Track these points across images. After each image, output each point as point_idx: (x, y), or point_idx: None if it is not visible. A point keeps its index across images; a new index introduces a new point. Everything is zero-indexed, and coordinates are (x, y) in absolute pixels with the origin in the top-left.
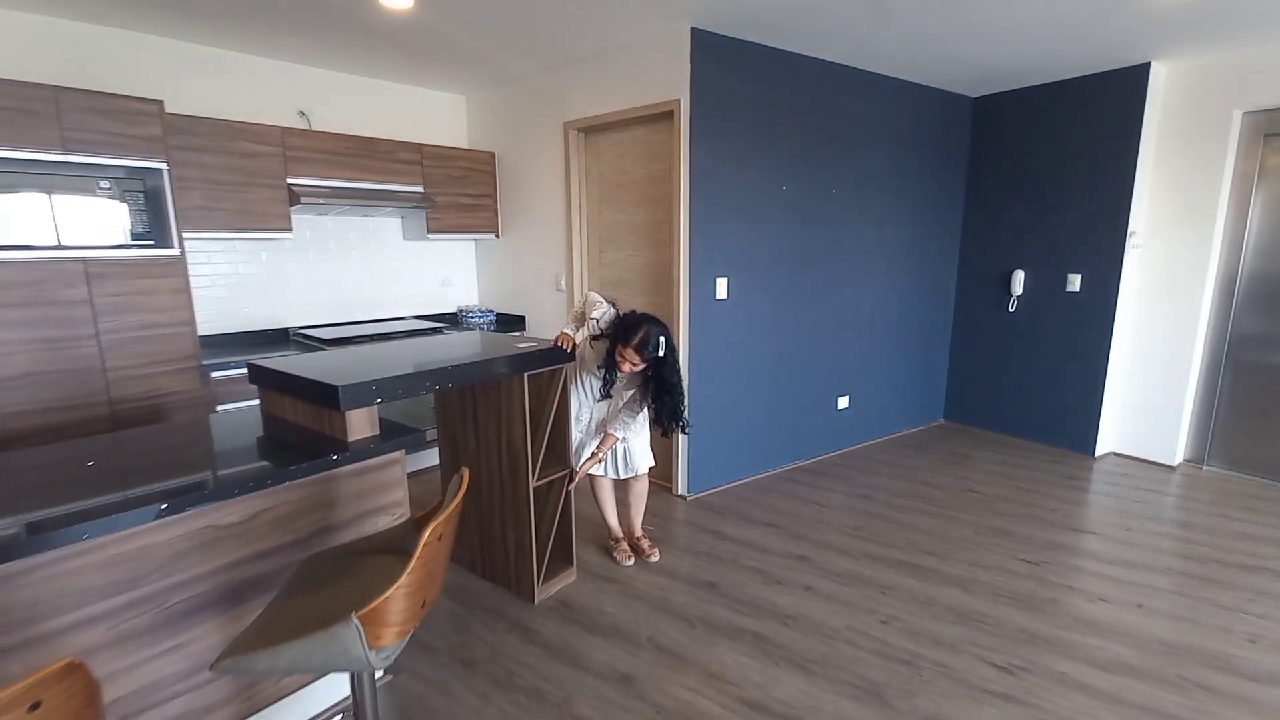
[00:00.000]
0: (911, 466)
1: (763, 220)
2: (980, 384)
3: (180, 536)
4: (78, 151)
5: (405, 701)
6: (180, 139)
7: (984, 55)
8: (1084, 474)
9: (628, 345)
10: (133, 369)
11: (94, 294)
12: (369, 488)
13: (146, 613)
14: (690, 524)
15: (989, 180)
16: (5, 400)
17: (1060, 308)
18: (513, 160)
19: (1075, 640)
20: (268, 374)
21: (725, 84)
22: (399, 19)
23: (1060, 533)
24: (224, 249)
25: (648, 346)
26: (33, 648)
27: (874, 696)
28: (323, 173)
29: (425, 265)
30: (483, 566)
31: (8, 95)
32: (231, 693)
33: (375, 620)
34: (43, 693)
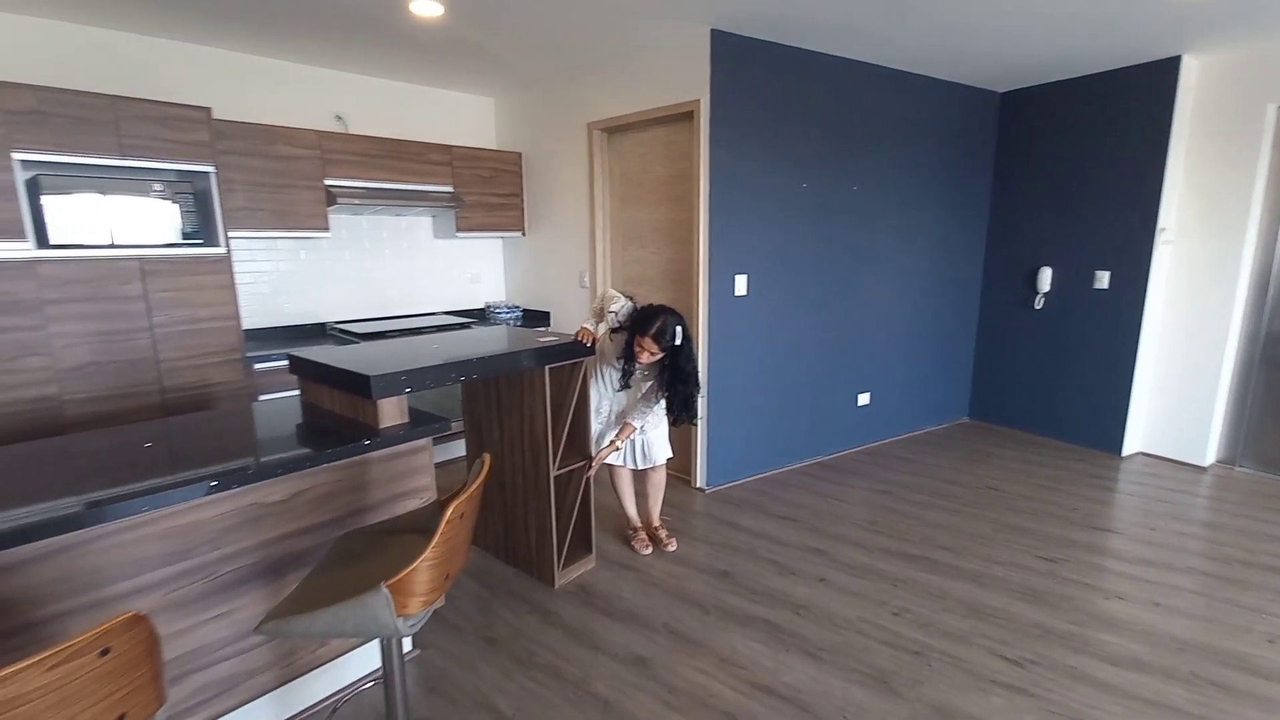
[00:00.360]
0: (932, 463)
1: (782, 218)
2: (1005, 382)
3: (228, 512)
4: (133, 156)
5: (431, 675)
6: (226, 143)
7: (1010, 51)
8: (1110, 473)
9: (646, 335)
10: (182, 360)
11: (148, 290)
12: (398, 472)
13: (197, 581)
14: (708, 515)
15: (1016, 176)
16: (70, 388)
17: (1088, 305)
18: (539, 160)
19: (1088, 635)
20: (307, 365)
21: (745, 84)
22: (430, 26)
23: (1081, 531)
24: (266, 247)
25: (665, 335)
26: (97, 609)
27: (882, 684)
28: (358, 174)
29: (454, 263)
30: (506, 551)
31: (70, 105)
32: (272, 659)
33: (403, 589)
34: (111, 640)
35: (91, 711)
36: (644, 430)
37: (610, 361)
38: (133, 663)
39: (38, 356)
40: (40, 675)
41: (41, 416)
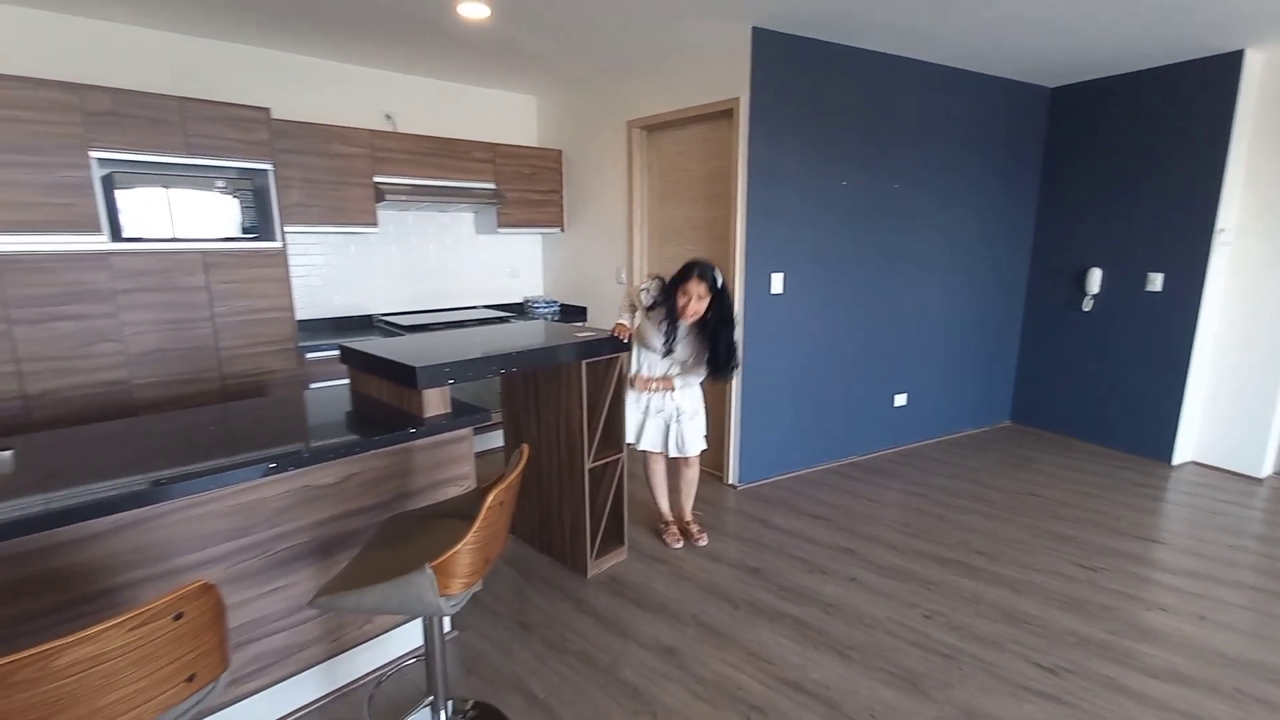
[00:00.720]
0: (970, 467)
1: (821, 216)
2: (1050, 385)
3: (285, 493)
4: (199, 155)
5: (469, 655)
6: (283, 142)
7: (1062, 45)
8: (1158, 482)
9: (689, 279)
10: (240, 348)
11: (210, 281)
12: (441, 460)
13: (256, 557)
14: (739, 512)
15: (1066, 173)
16: (138, 372)
17: (1139, 308)
18: (578, 157)
19: (1127, 646)
20: (357, 355)
21: (785, 81)
22: (477, 28)
23: (1124, 540)
24: (318, 242)
25: (709, 274)
26: (166, 579)
27: (911, 685)
28: (406, 171)
29: (495, 258)
30: (541, 541)
31: (143, 106)
32: (322, 633)
33: (445, 571)
34: (184, 606)
35: (166, 670)
36: (679, 419)
37: (649, 342)
38: (203, 627)
39: (111, 343)
40: (122, 635)
41: (114, 399)
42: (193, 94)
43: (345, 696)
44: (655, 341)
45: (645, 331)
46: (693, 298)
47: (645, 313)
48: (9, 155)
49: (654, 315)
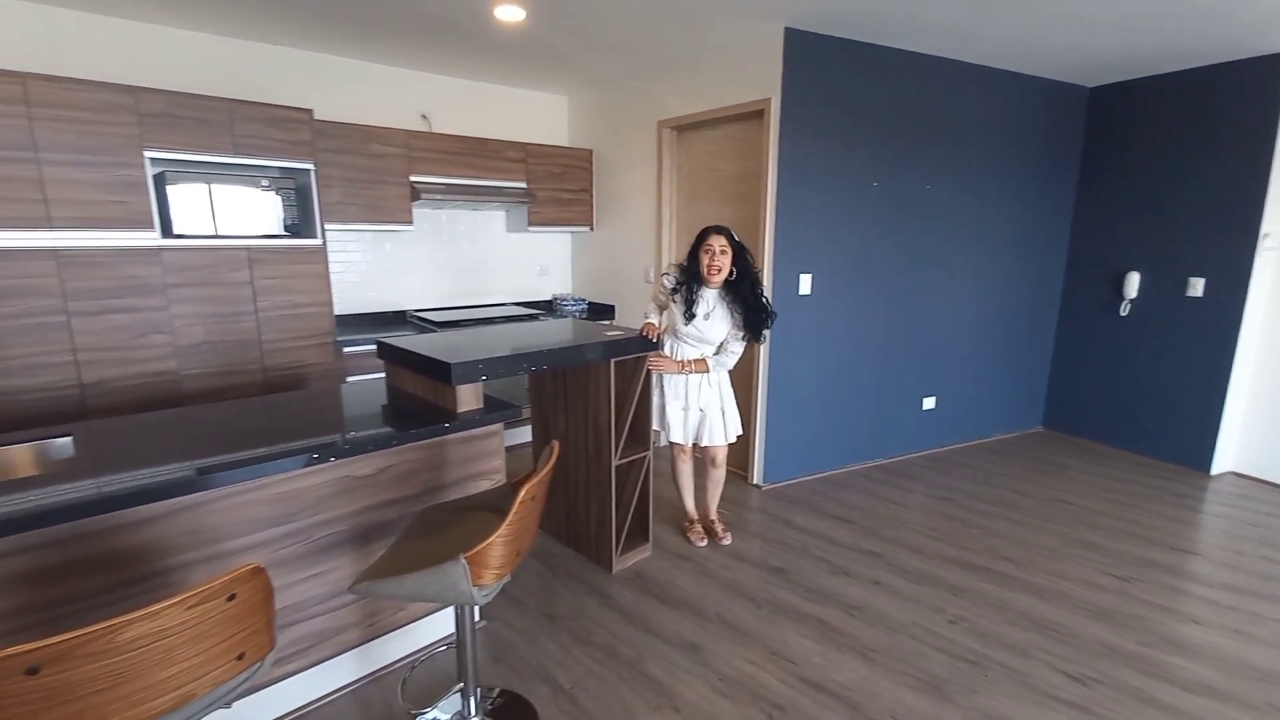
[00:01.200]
0: (999, 472)
1: (851, 217)
2: (1084, 391)
3: (325, 483)
4: (245, 154)
5: (497, 644)
6: (324, 142)
7: (1103, 44)
8: (1196, 492)
9: (706, 239)
10: (282, 342)
11: (254, 277)
12: (472, 454)
13: (298, 543)
14: (764, 512)
15: (1104, 175)
16: (186, 363)
17: (1179, 313)
18: (609, 157)
19: (1158, 658)
20: (393, 350)
21: (817, 81)
22: (512, 30)
23: (1158, 551)
24: (355, 239)
25: (724, 229)
26: (215, 562)
27: (934, 690)
28: (440, 171)
29: (525, 255)
30: (567, 535)
31: (194, 107)
32: (359, 618)
33: (479, 562)
34: (237, 587)
35: (219, 648)
36: (706, 410)
37: (678, 326)
38: (253, 608)
39: (161, 334)
40: (181, 613)
41: (163, 388)
42: (239, 95)
43: (379, 680)
44: (692, 327)
45: (674, 317)
46: (715, 252)
47: (671, 298)
48: (71, 155)
49: (679, 298)
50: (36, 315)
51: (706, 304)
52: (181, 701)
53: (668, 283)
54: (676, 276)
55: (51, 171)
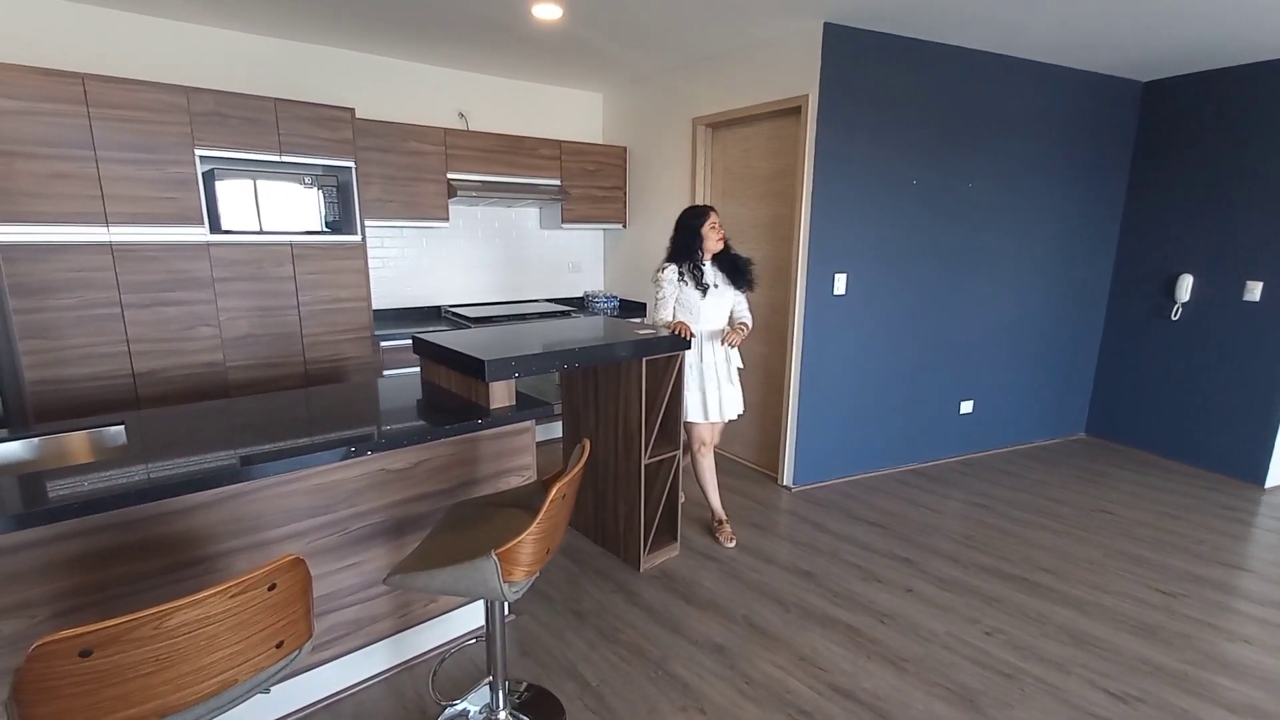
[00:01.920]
0: (1039, 480)
1: (889, 215)
2: (1131, 397)
3: (361, 475)
4: (290, 152)
5: (525, 638)
6: (364, 140)
7: (1160, 35)
8: (1248, 506)
9: (705, 217)
10: (322, 336)
11: (297, 272)
12: (505, 450)
13: (334, 534)
14: (793, 514)
15: (1157, 173)
16: (232, 355)
17: (1234, 318)
18: (642, 154)
19: (1204, 678)
20: (428, 346)
21: (855, 77)
22: (549, 28)
23: (1206, 566)
24: (393, 235)
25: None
26: (256, 550)
27: (968, 703)
28: (476, 168)
29: (558, 252)
30: (596, 532)
31: (242, 106)
32: (391, 609)
33: (509, 559)
34: (278, 578)
35: (259, 635)
36: (721, 386)
37: (695, 306)
38: (292, 598)
39: (208, 327)
40: (224, 601)
41: (209, 379)
42: (284, 95)
43: (410, 670)
44: (707, 300)
45: (689, 300)
46: (718, 225)
47: (680, 286)
48: (127, 153)
49: (687, 280)
50: (93, 307)
51: (711, 275)
52: (224, 686)
53: (672, 275)
54: (679, 269)
55: (108, 169)
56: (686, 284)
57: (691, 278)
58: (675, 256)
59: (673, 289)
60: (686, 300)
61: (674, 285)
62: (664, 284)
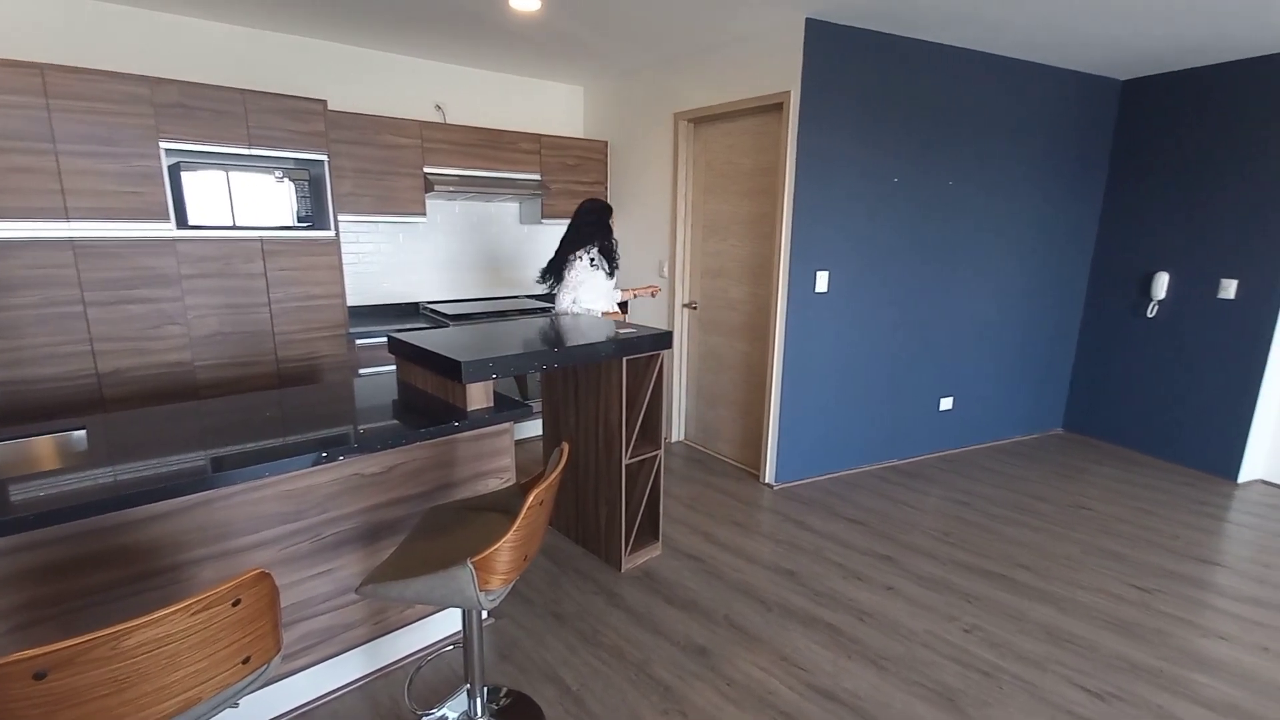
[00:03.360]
0: (1018, 476)
1: (870, 212)
2: (1108, 393)
3: (334, 480)
4: (259, 145)
5: (504, 642)
6: (337, 133)
7: (1141, 34)
8: (1222, 501)
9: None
10: (295, 334)
11: (268, 268)
12: (482, 452)
13: (306, 541)
14: (775, 513)
15: (1134, 171)
16: (200, 354)
17: (1209, 316)
18: (624, 149)
19: (1180, 675)
20: (403, 346)
21: (837, 74)
22: (528, 19)
23: (1182, 562)
24: (368, 230)
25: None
26: (223, 559)
27: (947, 701)
28: (454, 162)
29: (538, 248)
30: (576, 533)
31: (208, 98)
32: (365, 616)
33: (486, 567)
34: (242, 593)
35: (224, 652)
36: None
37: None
38: (259, 613)
39: (176, 325)
40: (185, 619)
41: (177, 379)
42: (253, 86)
43: (386, 677)
44: (610, 282)
45: (602, 285)
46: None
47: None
48: (88, 145)
49: (599, 268)
50: (55, 305)
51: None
52: (187, 705)
53: (599, 265)
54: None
55: (69, 162)
56: (597, 270)
57: (606, 264)
58: (592, 242)
59: (588, 274)
60: (597, 284)
61: (589, 271)
62: (579, 269)
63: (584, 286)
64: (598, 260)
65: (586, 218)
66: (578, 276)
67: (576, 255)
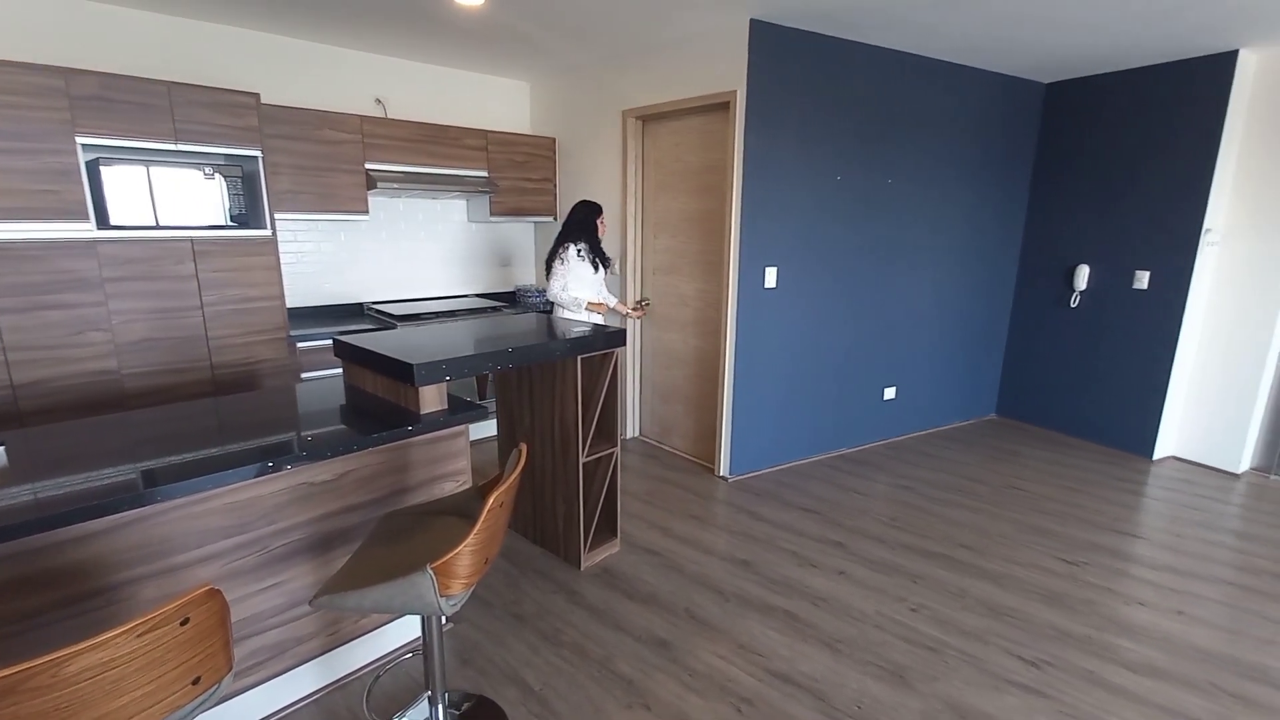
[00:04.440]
0: (957, 460)
1: (815, 210)
2: (1036, 380)
3: (281, 490)
4: (187, 141)
5: (464, 647)
6: (273, 128)
7: (1060, 40)
8: (1139, 477)
9: (600, 210)
10: (231, 338)
11: (199, 270)
12: (437, 456)
13: (253, 554)
14: (730, 505)
15: (1057, 170)
16: (128, 362)
17: (1125, 305)
18: (573, 146)
19: (1106, 640)
20: (351, 349)
21: (782, 74)
22: (471, 13)
23: (1105, 535)
24: (308, 229)
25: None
26: (166, 576)
27: (897, 678)
28: (397, 159)
29: (488, 246)
30: (535, 532)
31: (130, 90)
32: (319, 628)
33: (446, 572)
34: (190, 611)
35: (172, 674)
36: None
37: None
38: (208, 631)
39: (99, 332)
40: (130, 641)
41: (102, 389)
42: (181, 78)
43: (343, 688)
44: (598, 275)
45: (588, 276)
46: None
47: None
48: None
49: (587, 260)
50: None
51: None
52: None
53: (585, 256)
54: (585, 251)
55: None
56: (584, 261)
57: (590, 260)
58: (580, 238)
59: (577, 264)
60: (583, 275)
61: (578, 261)
62: (570, 260)
63: (572, 275)
64: (584, 252)
65: (575, 215)
66: (567, 266)
67: (565, 247)
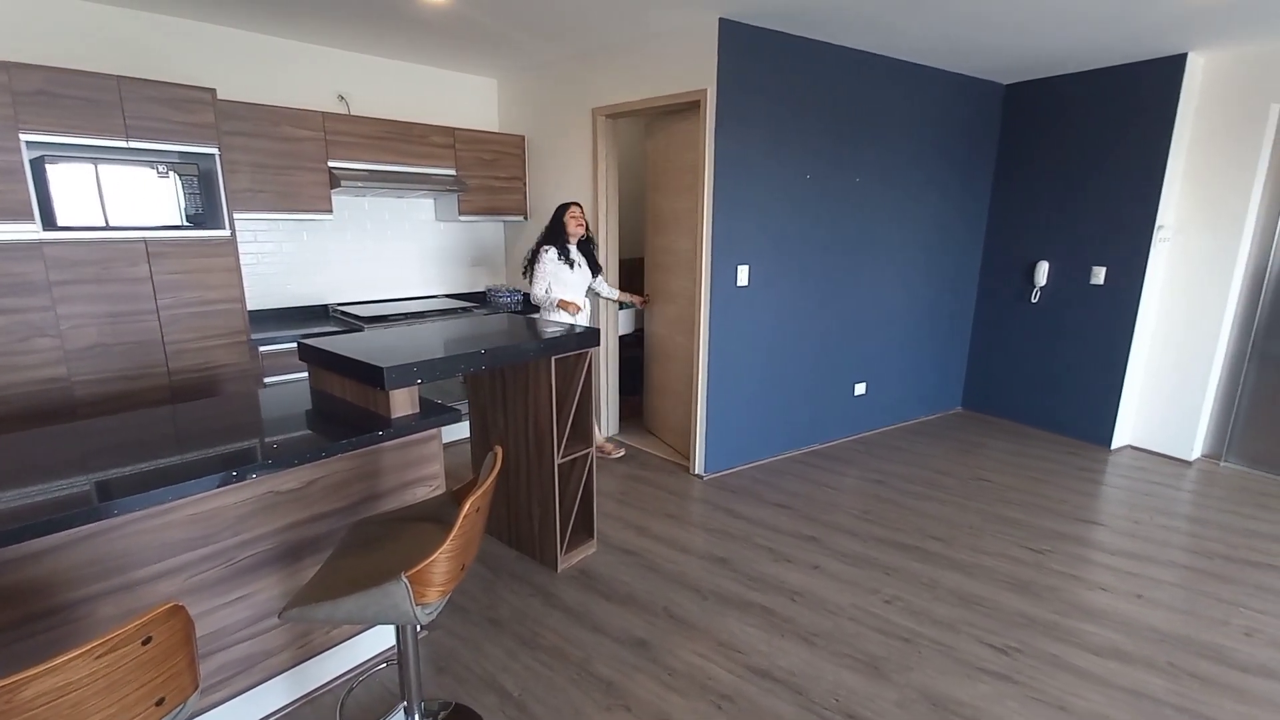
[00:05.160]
0: (925, 453)
1: (785, 209)
2: (999, 373)
3: (246, 500)
4: (139, 138)
5: (440, 654)
6: (230, 124)
7: (1018, 43)
8: (1098, 466)
9: (571, 207)
10: (189, 342)
11: (154, 272)
12: (409, 461)
13: (218, 566)
14: (706, 502)
15: (1017, 169)
16: (78, 369)
17: (1083, 300)
18: (542, 144)
19: (1071, 626)
20: (317, 353)
21: (751, 74)
22: (437, 8)
23: (1068, 523)
24: (269, 229)
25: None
26: (126, 592)
27: (872, 669)
28: (361, 156)
29: (456, 245)
30: (510, 535)
31: (77, 85)
32: (288, 640)
33: (421, 580)
34: (153, 629)
35: (134, 696)
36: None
37: (570, 281)
38: (172, 650)
39: (47, 338)
40: (88, 664)
41: (52, 397)
42: (131, 72)
43: (315, 702)
44: (575, 274)
45: (565, 276)
46: (580, 216)
47: (559, 265)
48: None
49: (562, 260)
50: None
51: (576, 255)
52: None
53: (555, 256)
54: (555, 249)
55: None
56: (561, 263)
57: (564, 260)
58: (549, 240)
59: (554, 266)
60: (561, 275)
61: (554, 264)
62: (545, 262)
63: (551, 277)
64: (556, 254)
65: (553, 216)
66: (542, 269)
67: (544, 249)
